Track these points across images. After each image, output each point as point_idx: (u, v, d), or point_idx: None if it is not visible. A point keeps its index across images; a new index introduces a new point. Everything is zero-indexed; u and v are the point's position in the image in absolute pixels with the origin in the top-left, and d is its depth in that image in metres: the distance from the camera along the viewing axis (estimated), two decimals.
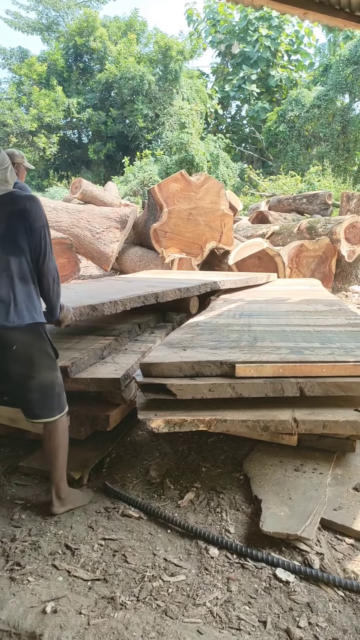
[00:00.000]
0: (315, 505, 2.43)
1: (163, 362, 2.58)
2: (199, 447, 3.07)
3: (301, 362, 2.53)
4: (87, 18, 21.89)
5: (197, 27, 27.12)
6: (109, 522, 2.43)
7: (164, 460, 2.95)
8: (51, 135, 20.36)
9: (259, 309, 3.84)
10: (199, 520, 2.45)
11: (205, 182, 6.85)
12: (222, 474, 2.81)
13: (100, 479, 2.79)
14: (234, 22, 26.08)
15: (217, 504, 2.55)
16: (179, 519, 2.41)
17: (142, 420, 2.42)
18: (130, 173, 17.38)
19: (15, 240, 2.20)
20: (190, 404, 2.54)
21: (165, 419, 2.43)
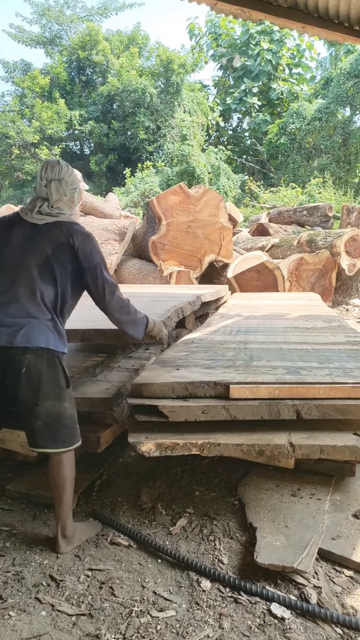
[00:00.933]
0: (313, 534, 2.33)
1: (155, 382, 2.49)
2: (193, 470, 2.97)
3: (298, 383, 2.44)
4: (89, 32, 22.04)
5: (199, 41, 27.31)
6: (97, 551, 2.32)
7: (156, 484, 2.85)
8: (53, 147, 20.41)
9: (257, 325, 3.75)
10: (191, 548, 2.34)
11: (205, 195, 6.80)
12: (216, 498, 2.70)
13: (90, 503, 2.69)
14: (236, 36, 26.26)
15: (210, 531, 2.44)
16: (169, 548, 2.30)
17: (133, 443, 2.33)
18: (131, 184, 17.39)
19: (52, 271, 2.22)
20: (183, 426, 2.44)
21: (156, 442, 2.33)
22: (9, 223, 2.31)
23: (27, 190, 20.73)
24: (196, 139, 18.56)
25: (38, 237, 2.23)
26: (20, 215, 2.30)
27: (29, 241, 2.23)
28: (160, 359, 2.93)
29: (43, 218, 2.26)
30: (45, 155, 19.83)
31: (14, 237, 2.25)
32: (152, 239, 6.60)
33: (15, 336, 2.10)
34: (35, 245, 2.22)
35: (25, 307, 2.17)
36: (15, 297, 2.17)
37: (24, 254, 2.22)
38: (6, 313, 2.15)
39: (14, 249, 2.23)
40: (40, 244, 2.22)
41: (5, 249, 2.24)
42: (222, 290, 4.68)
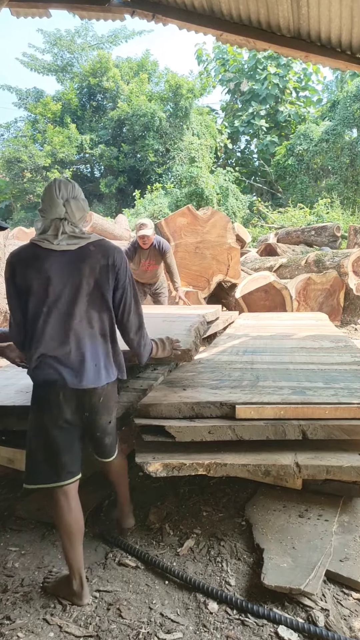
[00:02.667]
0: (320, 555, 2.32)
1: (162, 402, 2.52)
2: (201, 490, 2.98)
3: (303, 403, 2.46)
4: (100, 59, 22.56)
5: (206, 66, 27.82)
6: (104, 572, 2.33)
7: (164, 504, 2.86)
8: (64, 170, 20.78)
9: (264, 345, 3.77)
10: (198, 570, 2.34)
11: (212, 216, 6.88)
12: (224, 518, 2.71)
13: (98, 524, 2.70)
14: (243, 61, 26.73)
15: (217, 552, 2.44)
16: (177, 570, 2.30)
17: (140, 464, 2.35)
18: (140, 206, 17.61)
19: (102, 297, 2.14)
20: (190, 446, 2.46)
21: (163, 462, 2.35)
22: (34, 258, 2.09)
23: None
24: (204, 161, 18.80)
25: (78, 265, 2.09)
26: (42, 246, 2.10)
27: (69, 271, 2.08)
28: (167, 379, 2.96)
29: (75, 242, 2.12)
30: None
31: (51, 272, 2.07)
32: None
33: (86, 378, 2.10)
34: (78, 273, 2.08)
35: (87, 344, 2.11)
36: (74, 335, 2.09)
37: (70, 287, 2.08)
38: (71, 353, 2.09)
39: (55, 286, 2.06)
40: (83, 271, 2.09)
41: (47, 287, 2.06)
42: (218, 311, 4.68)
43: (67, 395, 2.09)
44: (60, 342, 2.08)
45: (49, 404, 2.10)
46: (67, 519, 2.12)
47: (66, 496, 2.13)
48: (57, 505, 2.13)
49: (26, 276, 2.08)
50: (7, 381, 3.13)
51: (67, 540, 2.12)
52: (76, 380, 2.09)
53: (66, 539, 2.12)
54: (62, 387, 2.08)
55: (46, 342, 2.08)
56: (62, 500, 2.12)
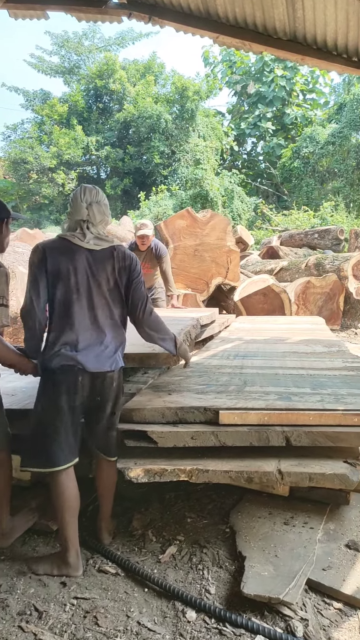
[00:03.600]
0: (302, 564, 2.29)
1: (145, 407, 2.49)
2: (187, 495, 2.94)
3: (288, 409, 2.43)
4: (107, 61, 22.60)
5: (213, 69, 27.82)
6: (83, 579, 2.30)
7: (148, 509, 2.83)
8: (70, 172, 20.82)
9: (256, 349, 3.74)
10: (179, 577, 2.31)
11: (212, 219, 6.86)
12: (208, 525, 2.67)
13: (80, 529, 2.66)
14: (250, 63, 26.72)
15: (199, 560, 2.41)
16: (157, 577, 2.27)
17: (121, 469, 2.32)
18: (145, 207, 17.61)
19: (120, 294, 2.41)
20: (173, 452, 2.43)
21: (144, 468, 2.33)
22: (66, 249, 2.33)
23: (44, 214, 21.08)
24: (209, 163, 18.79)
25: (102, 263, 2.35)
26: (72, 241, 2.34)
27: (94, 267, 2.34)
28: (153, 383, 2.93)
29: (99, 244, 2.36)
30: (62, 180, 20.24)
31: (79, 264, 2.31)
32: None
33: (105, 362, 2.33)
34: (102, 270, 2.34)
35: (107, 332, 2.36)
36: (97, 323, 2.34)
37: (94, 281, 2.33)
38: (92, 339, 2.32)
39: (82, 277, 2.31)
40: (107, 269, 2.36)
41: (76, 276, 2.31)
42: (215, 314, 4.67)
43: (85, 378, 2.29)
44: (85, 328, 2.32)
45: (67, 387, 2.27)
46: (69, 494, 2.30)
47: (68, 476, 2.31)
48: (59, 484, 2.29)
49: (59, 262, 2.30)
50: None
51: (67, 514, 2.30)
52: (96, 365, 2.30)
53: (66, 513, 2.29)
54: (82, 370, 2.28)
55: (74, 326, 2.30)
56: (64, 479, 2.30)
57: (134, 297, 2.44)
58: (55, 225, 19.29)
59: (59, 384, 2.30)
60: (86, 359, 2.28)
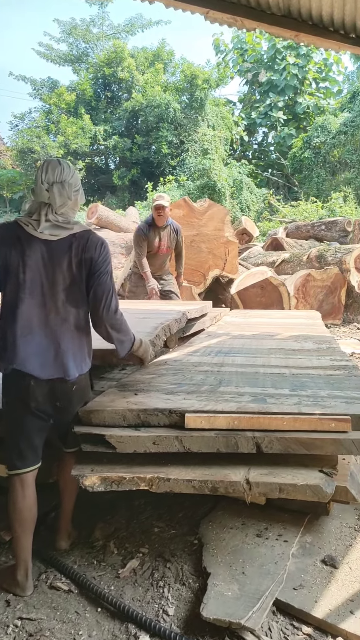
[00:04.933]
0: (271, 583, 2.09)
1: (105, 409, 2.29)
2: (158, 502, 2.75)
3: (260, 413, 2.22)
4: (115, 49, 22.28)
5: (224, 57, 27.35)
6: (32, 596, 2.12)
7: (114, 517, 2.64)
8: (77, 162, 20.60)
9: (241, 345, 3.52)
10: (137, 595, 2.12)
11: (209, 209, 6.62)
12: (176, 536, 2.48)
13: (37, 539, 2.48)
14: (262, 51, 26.22)
15: (161, 575, 2.22)
16: (111, 596, 2.09)
17: (75, 476, 2.13)
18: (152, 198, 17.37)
19: (79, 292, 2.15)
20: (136, 458, 2.23)
21: (101, 475, 2.13)
22: (16, 239, 2.05)
23: None
24: (218, 153, 18.47)
25: (58, 258, 2.07)
26: (26, 230, 2.06)
27: (48, 263, 2.07)
28: (122, 382, 2.74)
29: (56, 233, 2.08)
30: None
31: (30, 260, 2.05)
32: None
33: (58, 369, 2.11)
34: (57, 266, 2.08)
35: (61, 337, 2.11)
36: (49, 327, 2.10)
37: (48, 278, 2.07)
38: (42, 344, 2.09)
39: (34, 273, 2.05)
40: (62, 264, 2.08)
41: (25, 272, 2.05)
42: (207, 307, 4.47)
43: (38, 385, 2.10)
44: (34, 333, 2.08)
45: (20, 393, 2.10)
46: (21, 506, 2.12)
47: (23, 484, 2.14)
48: (12, 490, 2.13)
49: (9, 255, 2.05)
50: None
51: (18, 528, 2.12)
52: (48, 372, 2.09)
53: (18, 526, 2.11)
54: (33, 377, 2.08)
55: (21, 331, 2.06)
56: (18, 486, 2.13)
57: (97, 291, 2.15)
58: None
59: (9, 388, 2.15)
60: (33, 367, 2.07)
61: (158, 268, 5.44)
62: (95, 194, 21.85)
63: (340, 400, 2.34)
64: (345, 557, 2.31)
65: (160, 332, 3.02)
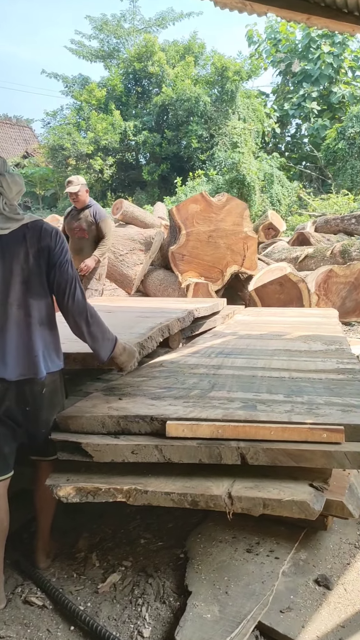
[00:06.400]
0: (254, 605, 1.95)
1: (84, 415, 2.18)
2: (149, 510, 2.62)
3: (247, 421, 2.06)
4: (146, 43, 22.16)
5: (257, 48, 26.87)
6: (4, 611, 2.03)
7: (100, 526, 2.54)
8: (107, 158, 20.62)
9: (245, 346, 3.35)
10: (114, 614, 2.01)
11: (228, 203, 6.44)
12: (162, 549, 2.36)
13: (20, 547, 2.40)
14: (297, 40, 25.65)
15: (142, 592, 2.10)
16: (86, 614, 1.98)
17: (49, 486, 2.03)
18: (182, 193, 17.20)
19: (40, 283, 2.06)
20: (116, 467, 2.11)
21: (76, 486, 2.02)
22: None
23: None
24: (247, 146, 18.12)
25: (13, 251, 1.99)
26: None
27: (4, 257, 1.99)
28: (109, 385, 2.62)
29: (7, 226, 2.00)
30: (99, 166, 20.08)
31: None
32: (171, 249, 6.32)
33: (22, 370, 2.03)
34: (14, 259, 1.99)
35: (26, 333, 2.03)
36: (12, 323, 2.01)
37: (5, 273, 1.99)
38: (5, 344, 2.00)
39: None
40: (19, 257, 2.00)
41: None
42: (219, 304, 4.31)
43: (6, 388, 2.02)
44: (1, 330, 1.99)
45: None
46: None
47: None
48: None
49: None
50: None
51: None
52: (15, 372, 2.02)
53: None
54: (1, 380, 2.00)
55: None
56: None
57: (60, 281, 2.07)
58: None
59: None
60: (2, 366, 1.99)
61: (76, 251, 5.22)
62: (125, 189, 21.83)
63: (337, 408, 2.17)
64: (341, 577, 2.14)
65: (155, 334, 2.89)
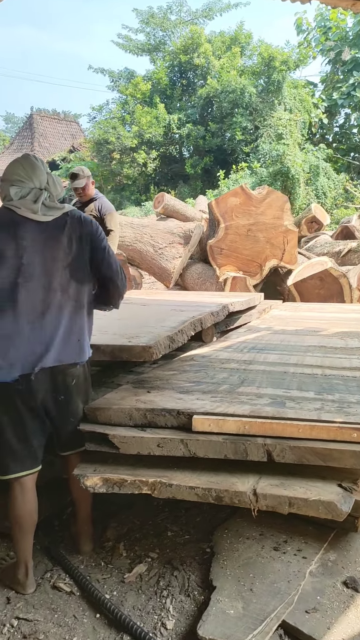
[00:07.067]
0: (279, 603, 1.92)
1: (111, 407, 2.20)
2: (176, 503, 2.63)
3: (274, 418, 2.03)
4: (192, 35, 22.04)
5: (307, 36, 26.29)
6: (33, 595, 2.09)
7: (129, 517, 2.56)
8: (150, 151, 20.69)
9: (279, 342, 3.30)
10: (139, 604, 2.03)
11: (268, 196, 6.34)
12: (188, 542, 2.36)
13: (51, 534, 2.46)
14: (347, 28, 24.94)
15: (167, 584, 2.12)
16: (111, 603, 2.00)
17: (76, 475, 2.06)
18: (225, 186, 17.07)
19: (83, 268, 2.13)
20: (143, 459, 2.13)
21: (103, 476, 2.05)
22: (10, 224, 2.01)
23: (125, 194, 21.17)
24: (293, 137, 17.80)
25: (56, 236, 2.06)
26: (18, 212, 2.02)
27: (47, 243, 2.04)
28: (139, 378, 2.64)
29: (50, 213, 2.07)
30: (142, 159, 20.16)
31: (28, 242, 2.01)
32: (209, 242, 6.29)
33: (64, 355, 2.08)
34: (56, 245, 2.05)
35: (67, 318, 2.09)
36: (55, 308, 2.06)
37: (48, 259, 2.04)
38: (46, 329, 2.05)
39: (33, 256, 2.01)
40: (61, 242, 2.06)
41: (23, 257, 2.00)
42: (255, 299, 4.25)
43: (43, 377, 2.04)
44: (38, 316, 2.03)
45: (20, 387, 2.01)
46: (20, 510, 2.08)
47: (22, 487, 2.09)
48: (11, 495, 2.08)
49: (1, 241, 2.00)
50: None
51: (17, 530, 2.09)
52: (55, 358, 2.05)
53: (17, 529, 2.09)
54: (37, 366, 2.02)
55: (23, 316, 2.00)
56: (17, 491, 2.08)
57: (110, 263, 2.18)
58: (135, 206, 19.25)
59: (4, 389, 2.03)
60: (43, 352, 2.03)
61: None
62: (168, 183, 21.86)
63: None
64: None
65: (187, 327, 2.88)
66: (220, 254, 6.24)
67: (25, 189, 2.06)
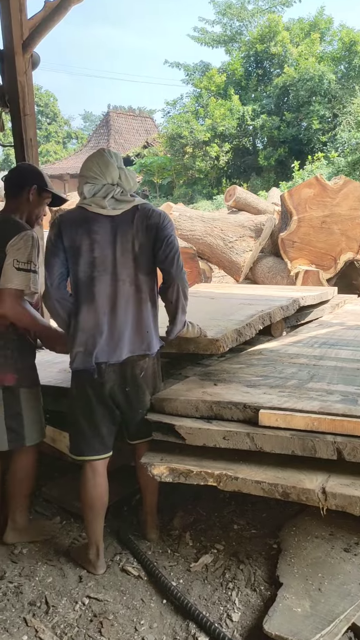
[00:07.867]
0: (349, 606, 1.87)
1: (178, 398, 2.22)
2: (243, 497, 2.59)
3: (345, 415, 1.97)
4: (269, 24, 21.59)
5: None
6: (103, 576, 2.16)
7: (195, 508, 2.58)
8: (223, 144, 20.55)
9: (352, 337, 3.18)
10: (204, 594, 2.04)
11: (344, 187, 6.11)
12: (255, 537, 2.34)
13: (119, 519, 2.52)
14: None
15: (232, 577, 2.12)
16: (178, 590, 2.03)
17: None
18: (299, 178, 16.67)
19: (149, 259, 2.15)
20: (209, 451, 2.13)
21: (170, 466, 2.07)
22: (83, 220, 2.10)
23: (197, 188, 21.17)
24: None
25: (125, 228, 2.10)
26: (90, 209, 2.10)
27: (116, 235, 2.10)
28: (205, 370, 2.64)
29: (119, 207, 2.11)
30: (215, 153, 20.07)
31: (99, 235, 2.09)
32: (281, 235, 6.16)
33: (136, 345, 2.14)
34: (125, 237, 2.10)
35: (138, 310, 2.14)
36: (124, 301, 2.11)
37: (118, 251, 2.09)
38: (119, 321, 2.11)
39: (105, 248, 2.08)
40: (130, 234, 2.10)
41: (95, 250, 2.08)
42: (328, 293, 4.12)
43: (112, 369, 2.11)
44: (112, 307, 2.09)
45: (92, 377, 2.10)
46: (91, 492, 2.15)
47: (93, 471, 2.17)
48: (83, 476, 2.17)
49: (75, 237, 2.09)
50: (54, 359, 3.09)
51: (88, 512, 2.17)
52: (125, 350, 2.11)
53: (88, 511, 2.17)
54: (112, 357, 2.10)
55: (99, 307, 2.08)
56: (89, 473, 2.16)
57: (167, 252, 2.11)
58: (207, 200, 19.23)
59: (80, 376, 2.16)
60: (109, 347, 2.09)
61: None
62: (241, 176, 21.60)
63: None
64: None
65: (255, 321, 2.85)
66: (292, 247, 6.10)
67: (98, 185, 2.12)
